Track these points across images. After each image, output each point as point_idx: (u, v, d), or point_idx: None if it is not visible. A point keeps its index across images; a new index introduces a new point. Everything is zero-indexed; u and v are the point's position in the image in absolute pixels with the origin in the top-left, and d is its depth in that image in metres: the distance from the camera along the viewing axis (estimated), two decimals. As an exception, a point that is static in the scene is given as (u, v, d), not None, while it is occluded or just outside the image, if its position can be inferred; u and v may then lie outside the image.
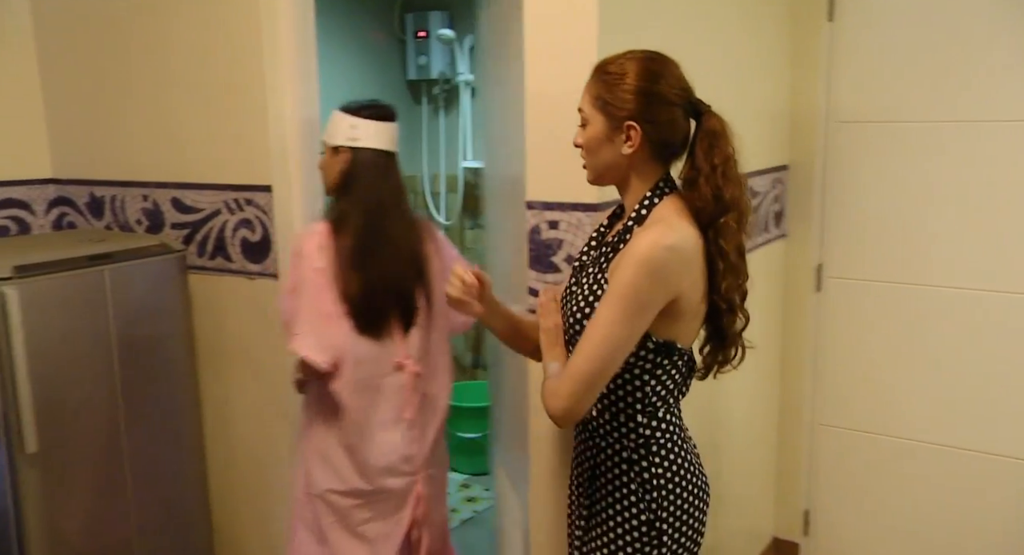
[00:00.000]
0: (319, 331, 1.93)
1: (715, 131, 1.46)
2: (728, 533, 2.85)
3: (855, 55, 2.82)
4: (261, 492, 2.50)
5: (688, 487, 1.55)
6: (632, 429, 1.52)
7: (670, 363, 1.50)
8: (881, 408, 2.97)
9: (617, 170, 1.51)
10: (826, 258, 2.99)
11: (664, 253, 1.39)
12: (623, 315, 1.39)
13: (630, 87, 1.44)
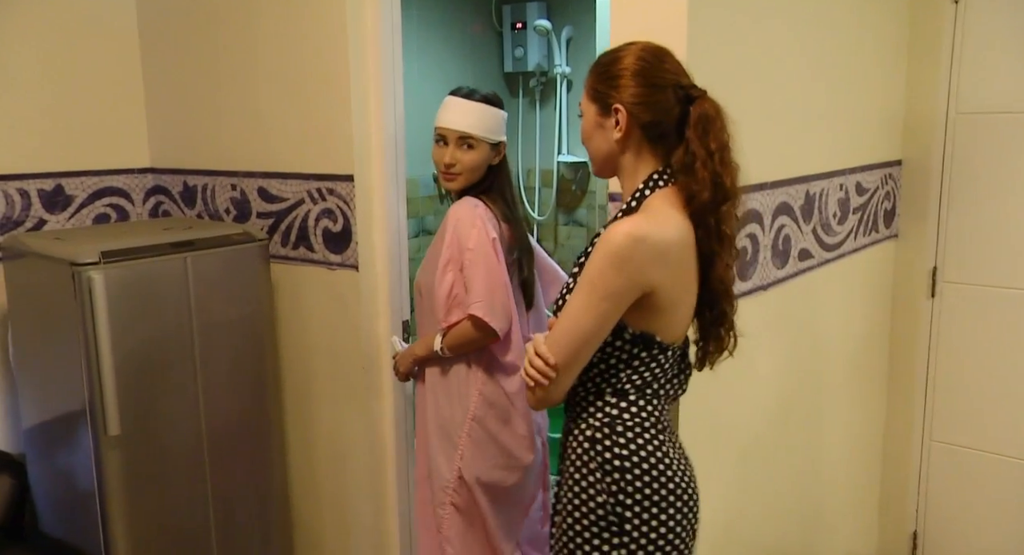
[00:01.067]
0: (496, 299, 1.99)
1: (708, 116, 1.41)
2: (824, 553, 2.67)
3: (983, 39, 2.59)
4: (339, 479, 2.50)
5: (660, 478, 1.44)
6: (599, 408, 1.47)
7: (649, 356, 1.45)
8: (1001, 425, 2.73)
9: (612, 158, 1.50)
10: (942, 261, 2.76)
11: (632, 243, 1.35)
12: (588, 303, 1.38)
13: (617, 71, 1.45)
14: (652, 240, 1.37)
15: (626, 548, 1.44)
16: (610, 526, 1.44)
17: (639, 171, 1.48)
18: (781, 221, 2.09)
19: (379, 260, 2.30)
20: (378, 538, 2.46)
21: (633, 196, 1.47)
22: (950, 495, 2.88)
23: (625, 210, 1.47)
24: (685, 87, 1.44)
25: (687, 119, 1.43)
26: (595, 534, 1.45)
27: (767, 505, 2.28)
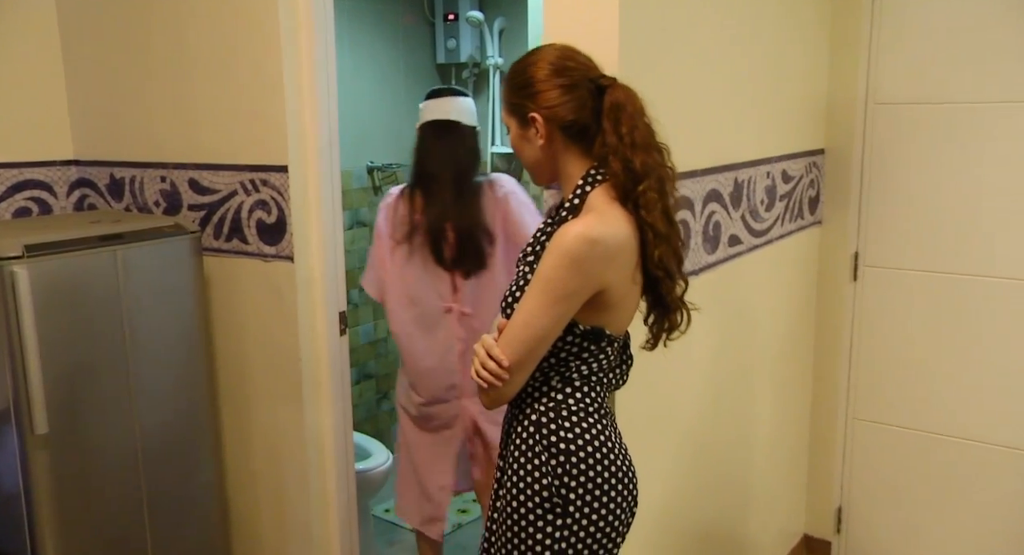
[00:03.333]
0: (370, 272, 2.57)
1: (619, 103, 1.46)
2: (757, 530, 2.78)
3: (898, 32, 2.71)
4: (276, 473, 2.48)
5: (603, 461, 1.49)
6: (545, 393, 1.51)
7: (597, 348, 1.50)
8: (920, 403, 2.86)
9: (545, 165, 1.54)
10: (863, 246, 2.87)
11: (587, 246, 1.38)
12: (544, 304, 1.40)
13: (526, 81, 1.49)
14: (605, 241, 1.40)
15: (568, 528, 1.48)
16: (554, 507, 1.48)
17: (575, 171, 1.52)
18: (711, 208, 2.15)
19: (315, 251, 2.29)
20: (316, 531, 2.45)
21: (575, 193, 1.50)
22: (872, 471, 3.01)
23: (569, 208, 1.50)
24: (595, 79, 1.48)
25: (603, 110, 1.47)
26: (539, 515, 1.48)
27: (703, 485, 2.36)
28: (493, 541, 1.59)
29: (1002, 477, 2.74)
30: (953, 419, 2.80)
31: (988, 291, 2.67)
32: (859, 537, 3.07)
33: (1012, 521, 2.74)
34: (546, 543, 1.48)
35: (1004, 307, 2.65)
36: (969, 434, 2.77)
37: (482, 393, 1.49)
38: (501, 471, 1.59)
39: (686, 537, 2.30)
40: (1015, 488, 2.72)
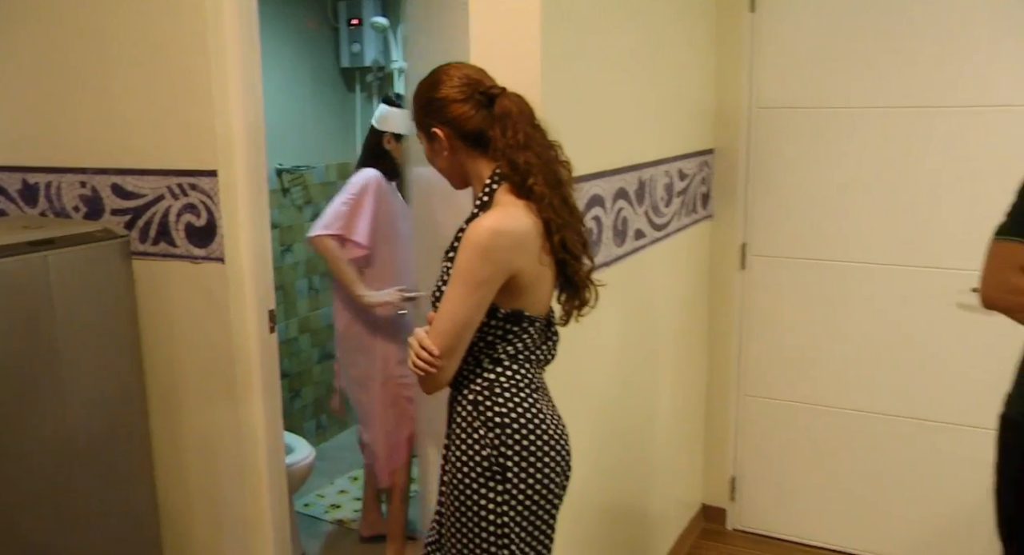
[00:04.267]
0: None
1: (506, 110, 1.62)
2: (661, 502, 2.99)
3: (775, 44, 2.99)
4: (209, 471, 2.52)
5: (536, 431, 1.65)
6: (479, 374, 1.66)
7: (520, 329, 1.65)
8: (803, 378, 3.16)
9: (456, 172, 1.72)
10: (750, 237, 3.15)
11: (494, 237, 1.55)
12: (463, 294, 1.56)
13: (424, 101, 1.67)
14: (509, 231, 1.56)
15: (508, 493, 1.63)
16: (494, 475, 1.62)
17: (482, 172, 1.67)
18: (619, 204, 2.35)
19: (244, 252, 2.34)
20: (250, 526, 2.52)
21: (483, 192, 1.66)
22: (761, 442, 3.29)
23: (480, 206, 1.65)
24: (486, 91, 1.64)
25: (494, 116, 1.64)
26: (482, 483, 1.63)
27: (614, 461, 2.54)
28: (443, 512, 1.74)
29: (877, 441, 3.07)
30: (832, 391, 3.11)
31: (858, 275, 2.99)
32: (751, 503, 3.36)
33: (887, 479, 3.08)
34: (489, 508, 1.63)
35: (872, 289, 2.98)
36: (847, 404, 3.09)
37: (421, 381, 1.63)
38: (446, 447, 1.73)
39: (601, 511, 2.48)
40: (889, 450, 3.05)
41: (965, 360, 2.85)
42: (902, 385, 2.99)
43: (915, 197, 2.87)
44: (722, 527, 3.41)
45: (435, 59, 2.08)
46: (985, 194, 2.73)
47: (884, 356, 3.00)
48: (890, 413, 3.03)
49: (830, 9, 2.89)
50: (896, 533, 3.10)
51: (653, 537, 2.95)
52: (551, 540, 1.73)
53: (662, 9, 2.57)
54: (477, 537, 1.64)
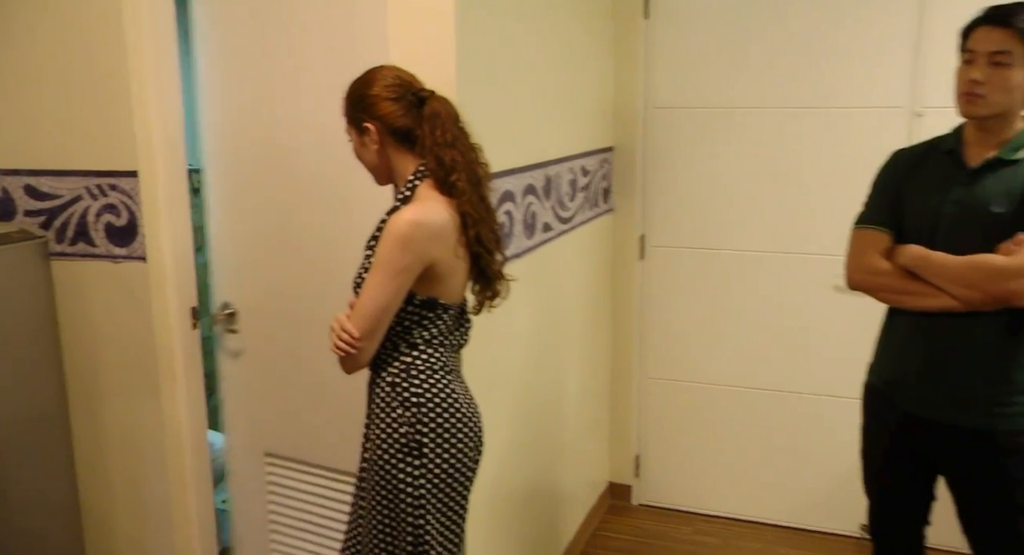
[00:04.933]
0: None
1: (435, 111, 1.74)
2: (570, 481, 3.16)
3: (668, 49, 3.21)
4: (132, 467, 2.56)
5: (450, 410, 1.78)
6: (396, 358, 1.77)
7: (435, 315, 1.77)
8: (700, 359, 3.40)
9: (382, 167, 1.81)
10: (648, 229, 3.37)
11: (412, 228, 1.66)
12: (383, 280, 1.67)
13: (358, 97, 1.78)
14: (428, 223, 1.69)
15: (425, 467, 1.75)
16: (411, 451, 1.75)
17: (406, 169, 1.79)
18: (529, 199, 2.51)
19: (166, 250, 2.40)
20: (175, 521, 2.57)
21: (406, 186, 1.78)
22: (663, 421, 3.51)
23: (402, 200, 1.78)
24: (416, 92, 1.78)
25: (423, 116, 1.77)
26: (400, 458, 1.75)
27: (528, 441, 2.68)
28: (364, 486, 1.85)
29: (767, 414, 3.33)
30: (726, 370, 3.36)
31: (746, 262, 3.25)
32: (654, 479, 3.58)
33: (776, 449, 3.35)
34: (407, 481, 1.75)
35: (758, 275, 3.24)
36: (739, 382, 3.35)
37: (341, 362, 1.74)
38: (366, 426, 1.85)
39: (514, 491, 2.61)
40: (777, 422, 3.32)
41: (842, 337, 3.14)
42: (787, 362, 3.26)
43: (793, 190, 3.14)
44: (628, 503, 3.61)
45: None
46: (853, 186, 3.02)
47: (771, 336, 3.27)
48: (777, 389, 3.30)
49: (716, 17, 3.13)
50: (785, 497, 3.38)
51: (563, 515, 3.12)
52: (465, 511, 1.87)
53: (563, 16, 2.74)
54: (397, 508, 1.76)
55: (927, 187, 2.00)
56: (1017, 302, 1.84)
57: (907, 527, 2.22)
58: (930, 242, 1.96)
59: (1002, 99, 1.86)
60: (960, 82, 1.91)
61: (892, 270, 2.01)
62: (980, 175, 1.93)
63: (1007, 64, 1.83)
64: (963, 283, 1.89)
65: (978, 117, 1.91)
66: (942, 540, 2.32)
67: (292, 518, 2.54)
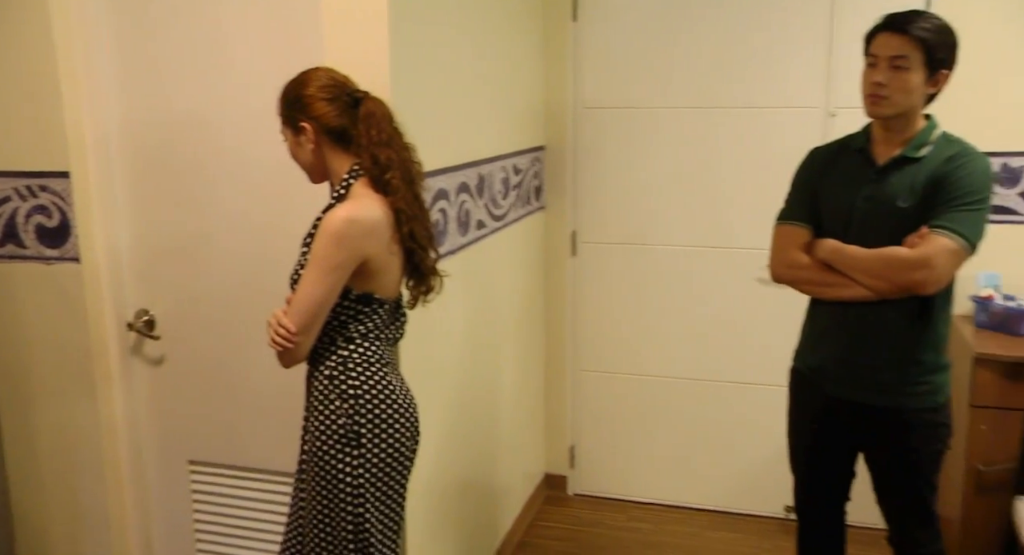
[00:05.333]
0: None
1: (370, 112, 1.80)
2: (507, 474, 3.23)
3: (595, 50, 3.31)
4: (66, 469, 2.55)
5: (387, 401, 1.83)
6: (333, 351, 1.82)
7: (370, 310, 1.82)
8: (629, 351, 3.51)
9: (317, 166, 1.85)
10: (579, 226, 3.47)
11: (347, 225, 1.71)
12: (318, 277, 1.72)
13: (295, 97, 1.82)
14: (362, 220, 1.74)
15: (363, 457, 1.81)
16: (350, 441, 1.80)
17: (341, 168, 1.84)
18: (462, 197, 2.57)
19: (101, 251, 2.38)
20: (112, 525, 2.56)
21: (341, 185, 1.83)
22: (596, 412, 3.61)
23: (337, 198, 1.83)
24: (351, 93, 1.83)
25: (359, 117, 1.82)
26: (339, 449, 1.80)
27: (464, 434, 2.74)
28: (304, 478, 1.89)
29: (695, 403, 3.46)
30: (655, 362, 3.48)
31: (673, 257, 3.37)
32: (589, 468, 3.68)
33: (704, 436, 3.48)
34: (346, 470, 1.80)
35: (685, 268, 3.36)
36: (668, 372, 3.46)
37: (279, 356, 1.78)
38: (305, 419, 1.89)
39: (452, 485, 2.66)
40: (705, 410, 3.45)
41: (765, 328, 3.28)
42: (714, 352, 3.40)
43: (717, 186, 3.27)
44: (564, 493, 3.70)
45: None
46: (772, 183, 3.16)
47: (697, 328, 3.40)
48: (705, 378, 3.43)
49: (641, 20, 3.24)
50: (714, 483, 3.51)
51: (501, 506, 3.19)
52: (403, 499, 1.93)
53: (494, 19, 2.81)
54: (336, 497, 1.81)
55: (840, 184, 2.13)
56: (921, 291, 1.98)
57: (830, 503, 2.36)
58: (844, 236, 2.09)
59: (903, 100, 2.00)
60: (865, 84, 2.04)
61: (811, 264, 2.13)
62: (887, 172, 2.06)
63: (906, 68, 1.97)
64: (873, 274, 2.02)
65: (883, 117, 2.04)
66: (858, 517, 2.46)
67: (219, 524, 2.54)
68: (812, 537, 2.42)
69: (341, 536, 1.82)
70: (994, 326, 2.83)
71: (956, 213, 1.95)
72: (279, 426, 2.39)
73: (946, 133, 2.07)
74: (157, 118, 2.33)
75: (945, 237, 1.94)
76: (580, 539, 3.35)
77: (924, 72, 1.97)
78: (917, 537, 2.20)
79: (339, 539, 1.82)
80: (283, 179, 2.23)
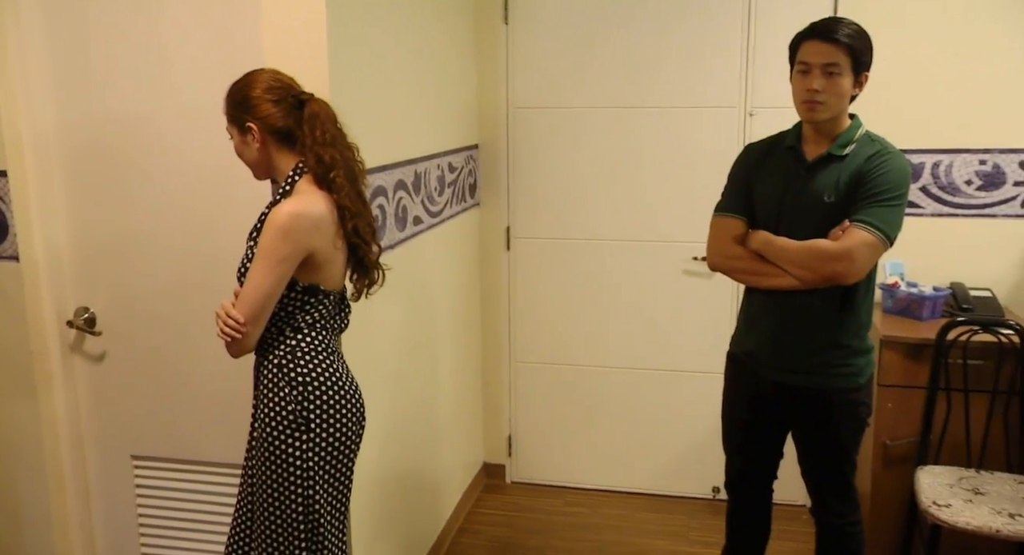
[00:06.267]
0: None
1: (315, 113, 1.87)
2: (447, 464, 3.31)
3: (526, 52, 3.42)
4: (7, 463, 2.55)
5: (334, 388, 1.90)
6: (282, 341, 1.89)
7: (316, 301, 1.90)
8: (563, 342, 3.62)
9: (263, 164, 1.91)
10: (513, 222, 3.58)
11: (292, 219, 1.78)
12: (265, 269, 1.78)
13: (244, 97, 1.88)
14: (308, 215, 1.82)
15: (312, 442, 1.89)
16: (299, 427, 1.87)
17: (286, 166, 1.92)
18: (400, 194, 2.65)
19: (40, 249, 2.41)
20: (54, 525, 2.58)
21: (286, 182, 1.91)
22: (533, 402, 3.72)
23: (282, 194, 1.90)
24: (297, 95, 1.91)
25: (304, 117, 1.89)
26: (288, 434, 1.87)
27: (405, 426, 2.82)
28: (253, 465, 1.95)
29: (627, 391, 3.59)
30: (589, 352, 3.60)
31: (604, 250, 3.50)
32: (526, 457, 3.79)
33: (637, 423, 3.62)
34: (296, 454, 1.88)
35: (616, 262, 3.50)
36: (601, 362, 3.59)
37: (228, 346, 1.84)
38: (255, 407, 1.95)
39: (393, 476, 2.73)
40: (637, 398, 3.59)
41: (691, 317, 3.44)
42: (644, 342, 3.54)
43: (643, 182, 3.41)
44: (502, 481, 3.80)
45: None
46: (695, 178, 3.33)
47: (627, 318, 3.54)
48: (635, 367, 3.57)
49: (570, 24, 3.36)
50: (646, 467, 3.65)
51: (441, 495, 3.27)
52: (350, 481, 2.01)
53: (429, 22, 2.90)
54: (286, 481, 1.88)
55: (772, 178, 2.27)
56: (842, 281, 2.13)
57: (760, 481, 2.52)
58: (775, 228, 2.24)
59: (837, 104, 2.14)
60: (799, 91, 2.16)
61: (745, 254, 2.27)
62: (815, 168, 2.20)
63: (838, 73, 2.10)
64: (799, 265, 2.17)
65: (819, 121, 2.17)
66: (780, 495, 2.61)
67: (163, 518, 2.58)
68: (741, 513, 2.58)
69: (291, 518, 1.89)
70: (899, 311, 3.04)
71: (875, 208, 2.10)
72: (222, 419, 2.44)
73: (869, 132, 2.22)
74: (95, 117, 2.37)
75: (865, 231, 2.09)
76: (518, 524, 3.46)
77: (852, 76, 2.12)
78: (838, 509, 2.36)
79: (289, 521, 1.89)
80: (221, 177, 2.30)
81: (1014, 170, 3.08)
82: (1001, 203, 3.11)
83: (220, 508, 2.50)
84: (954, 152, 3.12)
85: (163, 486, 2.56)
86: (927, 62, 3.09)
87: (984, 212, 3.13)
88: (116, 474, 2.59)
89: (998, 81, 3.05)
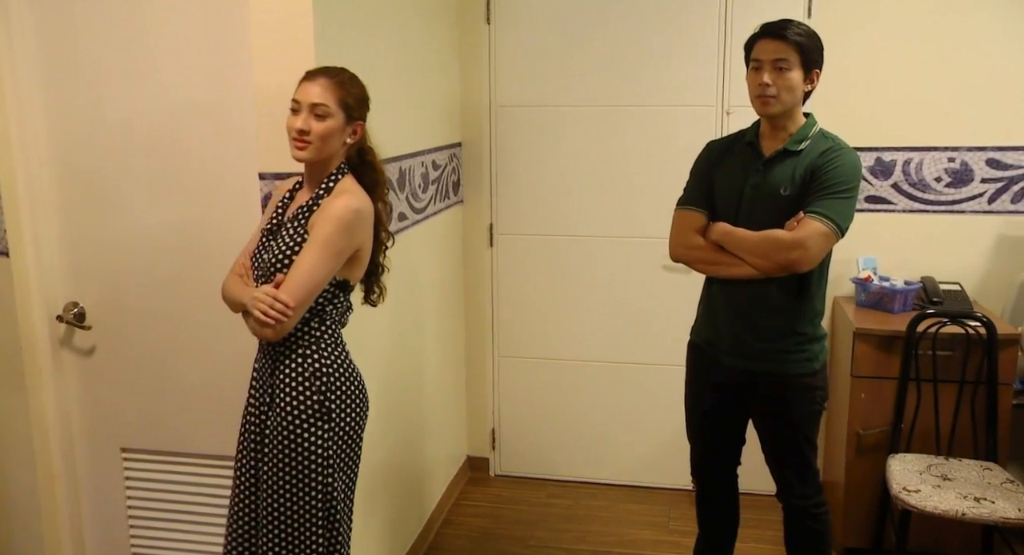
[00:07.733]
0: None
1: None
2: (432, 459, 3.36)
3: (509, 52, 3.48)
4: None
5: (351, 380, 1.99)
6: (307, 332, 1.95)
7: (344, 295, 1.99)
8: (545, 337, 3.68)
9: (328, 154, 1.96)
10: (496, 218, 3.64)
11: (354, 214, 1.89)
12: (323, 258, 1.86)
13: (365, 96, 2.01)
14: (363, 211, 1.93)
15: (333, 431, 1.96)
16: (321, 417, 1.94)
17: (334, 164, 1.99)
18: (385, 191, 2.71)
19: (30, 244, 2.44)
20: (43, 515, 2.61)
21: (329, 180, 1.98)
22: (516, 396, 3.77)
23: (326, 190, 1.96)
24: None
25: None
26: (312, 423, 1.93)
27: (391, 417, 2.86)
28: (266, 452, 1.98)
29: (608, 384, 3.65)
30: (570, 346, 3.66)
31: (584, 247, 3.56)
32: (510, 450, 3.84)
33: (617, 415, 3.68)
34: (318, 443, 1.93)
35: (596, 257, 3.56)
36: (582, 356, 3.65)
37: (266, 330, 1.85)
38: (271, 396, 1.98)
39: (379, 467, 2.77)
40: (617, 391, 3.64)
41: (669, 311, 3.50)
42: (625, 336, 3.61)
43: (622, 180, 3.48)
44: (486, 474, 3.86)
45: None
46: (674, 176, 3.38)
47: (607, 313, 3.60)
48: (615, 361, 3.63)
49: (551, 24, 3.43)
50: (627, 459, 3.72)
51: (426, 488, 3.31)
52: (358, 469, 2.09)
53: (413, 23, 2.95)
54: (306, 470, 1.93)
55: (732, 173, 2.36)
56: (797, 269, 2.22)
57: (724, 467, 2.60)
58: (734, 219, 2.33)
59: (788, 97, 2.24)
60: (753, 87, 2.28)
61: (705, 245, 2.36)
62: (772, 163, 2.30)
63: (788, 68, 2.22)
64: (757, 254, 2.25)
65: (772, 115, 2.28)
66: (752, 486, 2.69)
67: (153, 510, 2.62)
68: (709, 500, 2.66)
69: (311, 506, 1.95)
70: (871, 304, 3.13)
71: (828, 200, 2.20)
72: (210, 411, 2.48)
73: (823, 129, 2.32)
74: (85, 115, 2.40)
75: (818, 221, 2.18)
76: (502, 515, 3.52)
77: (801, 72, 2.23)
78: (801, 491, 2.44)
79: (308, 509, 1.95)
80: (209, 173, 2.34)
81: (981, 168, 3.18)
82: (969, 199, 3.21)
83: (209, 500, 2.54)
84: (924, 150, 3.21)
85: (152, 478, 2.60)
86: (898, 62, 3.18)
87: (953, 208, 3.22)
88: (105, 467, 2.62)
89: (967, 81, 3.14)
